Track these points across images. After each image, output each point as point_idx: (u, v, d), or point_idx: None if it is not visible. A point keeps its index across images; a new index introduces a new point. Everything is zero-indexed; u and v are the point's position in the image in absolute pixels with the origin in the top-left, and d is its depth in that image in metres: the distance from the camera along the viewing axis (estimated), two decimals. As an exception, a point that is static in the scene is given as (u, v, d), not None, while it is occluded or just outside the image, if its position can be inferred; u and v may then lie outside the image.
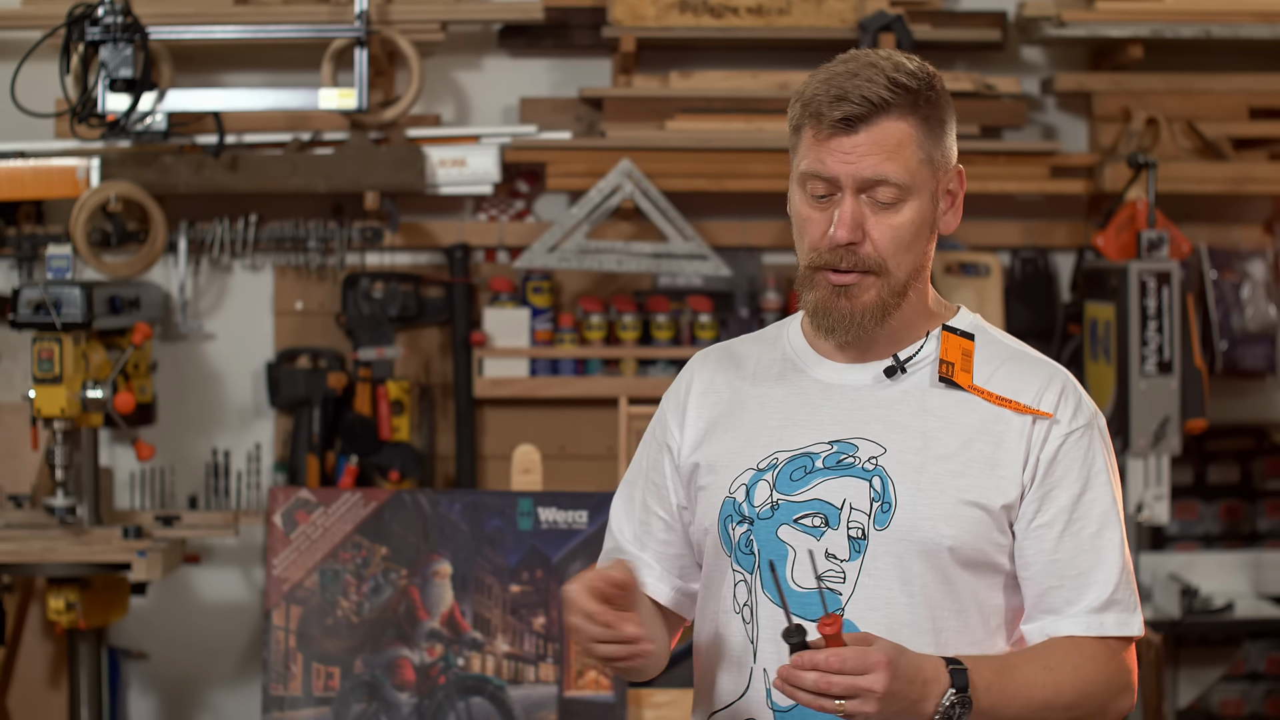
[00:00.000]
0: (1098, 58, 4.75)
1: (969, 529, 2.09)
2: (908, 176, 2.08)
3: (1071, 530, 2.11)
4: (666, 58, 4.63)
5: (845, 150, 2.07)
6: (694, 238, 4.52)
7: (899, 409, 2.14)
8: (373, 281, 4.55)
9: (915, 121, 2.08)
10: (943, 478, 2.09)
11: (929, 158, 2.10)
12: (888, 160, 2.07)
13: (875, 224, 2.09)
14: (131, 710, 4.68)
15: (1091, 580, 2.11)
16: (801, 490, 2.12)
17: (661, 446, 2.28)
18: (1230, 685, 4.80)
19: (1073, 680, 2.08)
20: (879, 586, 2.09)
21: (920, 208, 2.10)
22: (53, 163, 4.45)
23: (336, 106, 4.38)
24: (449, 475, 4.65)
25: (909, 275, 2.13)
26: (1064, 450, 2.12)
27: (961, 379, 2.14)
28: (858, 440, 2.13)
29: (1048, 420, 2.12)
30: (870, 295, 2.10)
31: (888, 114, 2.06)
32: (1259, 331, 4.70)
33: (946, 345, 2.16)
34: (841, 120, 2.06)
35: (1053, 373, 2.17)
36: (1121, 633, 2.11)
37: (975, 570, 2.10)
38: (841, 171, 2.07)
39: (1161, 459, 4.30)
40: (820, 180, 2.09)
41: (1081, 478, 2.12)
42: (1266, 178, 4.62)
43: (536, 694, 3.41)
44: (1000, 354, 2.19)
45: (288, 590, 3.44)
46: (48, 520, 4.11)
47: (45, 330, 3.95)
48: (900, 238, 2.10)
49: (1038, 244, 4.74)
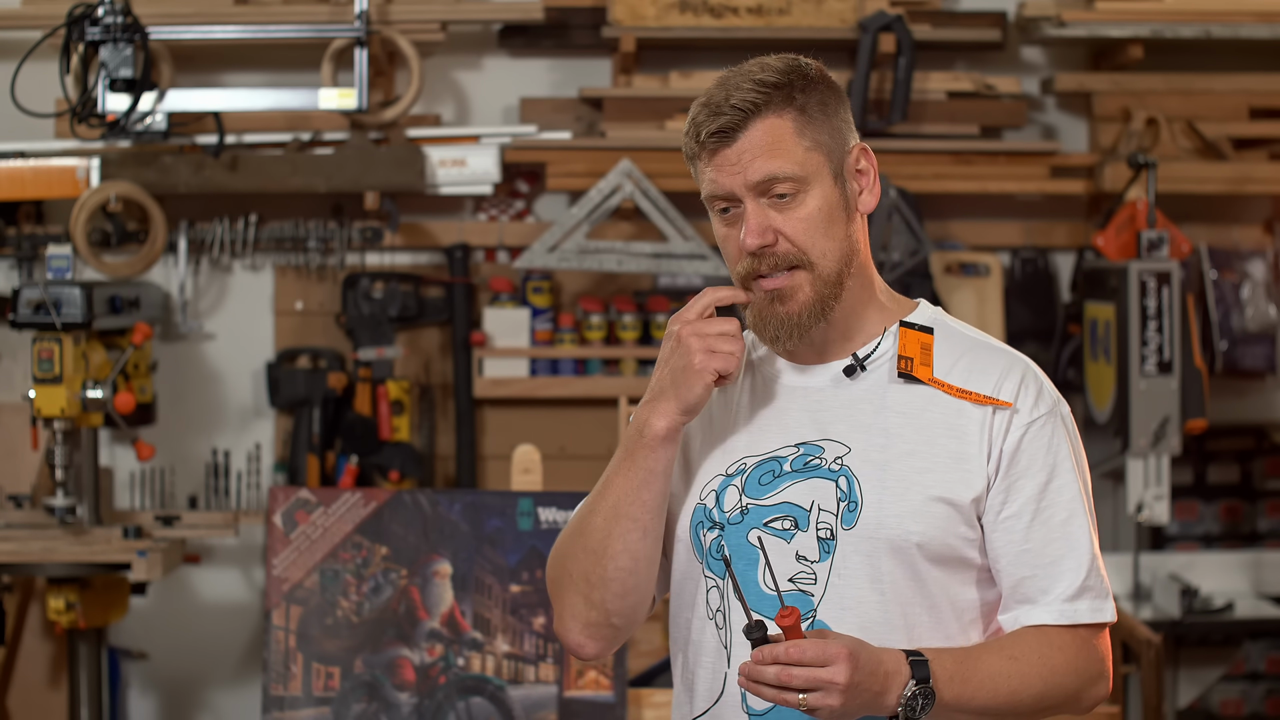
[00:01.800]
0: (1098, 58, 4.75)
1: (937, 524, 2.09)
2: (797, 167, 2.09)
3: (1040, 519, 2.11)
4: (666, 58, 4.63)
5: (731, 161, 2.10)
6: (694, 238, 4.52)
7: (861, 407, 2.14)
8: (373, 281, 4.55)
9: (792, 114, 2.10)
10: (908, 474, 2.09)
11: (816, 143, 2.11)
12: (770, 158, 2.09)
13: (784, 221, 2.10)
14: (131, 710, 4.68)
15: (1063, 568, 2.11)
16: (770, 494, 2.13)
17: None
18: (1230, 685, 4.80)
19: (1039, 670, 2.08)
20: (849, 586, 2.09)
21: (824, 194, 2.11)
22: (53, 163, 4.45)
23: (336, 106, 4.38)
24: (449, 475, 4.65)
25: (838, 263, 2.12)
26: (1027, 440, 2.11)
27: (921, 373, 2.14)
28: (823, 441, 2.13)
29: (1007, 410, 2.11)
30: (805, 293, 2.11)
31: (759, 115, 2.09)
32: (1259, 331, 4.70)
33: (904, 340, 2.16)
34: (718, 133, 2.10)
35: (1011, 361, 2.16)
36: (1094, 619, 2.11)
37: (945, 566, 2.10)
38: (733, 183, 2.11)
39: (1161, 459, 4.30)
40: (720, 199, 2.13)
41: (1047, 466, 2.11)
42: (1266, 178, 4.62)
43: (536, 694, 3.41)
44: (960, 345, 2.18)
45: (288, 590, 3.44)
46: (48, 520, 4.11)
47: (45, 330, 3.95)
48: (812, 227, 2.10)
49: (1038, 244, 4.74)
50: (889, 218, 4.44)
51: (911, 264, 4.47)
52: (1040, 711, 2.11)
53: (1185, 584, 4.39)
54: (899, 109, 4.51)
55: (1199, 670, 4.66)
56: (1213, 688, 4.74)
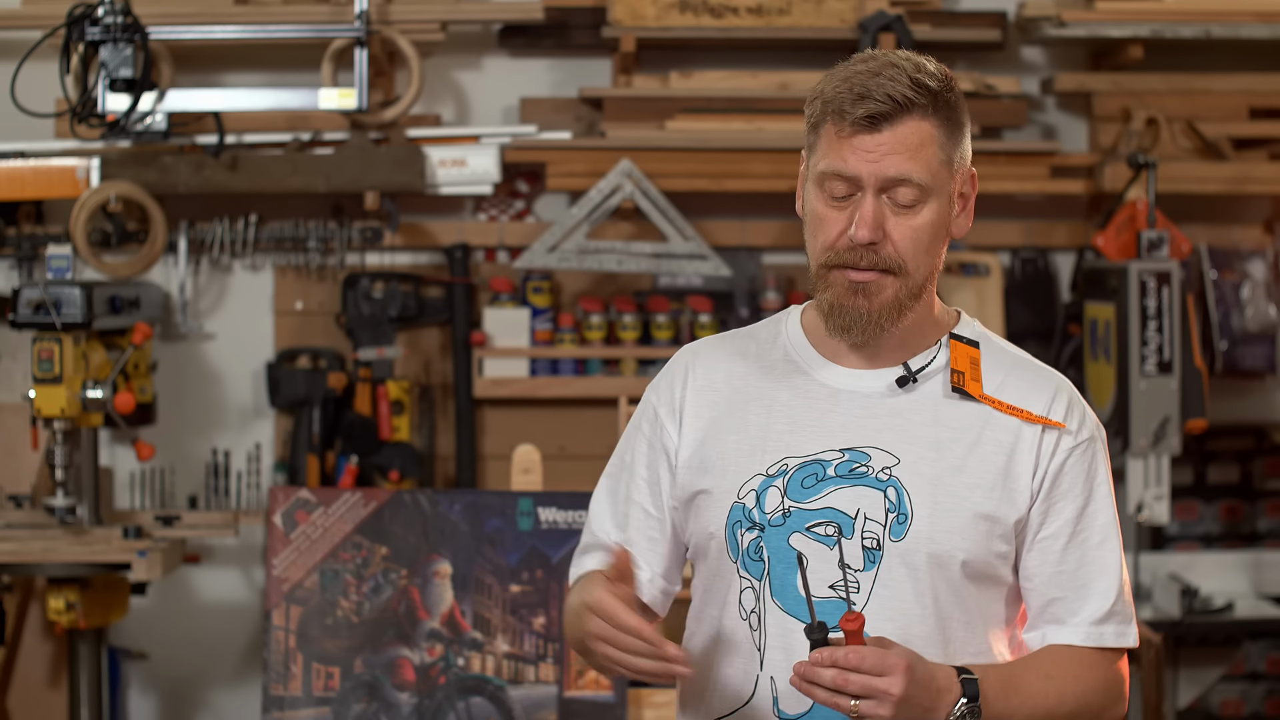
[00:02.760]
0: (1098, 58, 4.75)
1: (981, 542, 2.09)
2: (929, 177, 2.06)
3: (1076, 542, 2.12)
4: (666, 58, 4.63)
5: (868, 149, 2.05)
6: (694, 238, 4.52)
7: (911, 419, 2.12)
8: (373, 281, 4.55)
9: (937, 122, 2.07)
10: (958, 490, 2.09)
11: (948, 159, 2.09)
12: (910, 160, 2.05)
13: (895, 225, 2.07)
14: (131, 710, 4.68)
15: (1093, 591, 2.12)
16: (813, 498, 2.10)
17: (654, 443, 2.23)
18: (1230, 685, 4.80)
19: (1073, 689, 2.10)
20: (893, 597, 2.08)
21: (939, 210, 2.09)
22: (53, 163, 4.45)
23: (336, 106, 4.38)
24: (449, 475, 4.65)
25: (925, 277, 2.12)
26: (1070, 462, 2.12)
27: (972, 388, 2.13)
28: (869, 449, 2.11)
29: (1058, 430, 2.11)
30: (888, 294, 2.08)
31: (910, 113, 2.05)
32: (1259, 331, 4.70)
33: (956, 354, 2.15)
34: (865, 118, 2.04)
35: (1060, 383, 2.17)
36: (1119, 644, 2.13)
37: (981, 582, 2.11)
38: (864, 170, 2.05)
39: (1161, 459, 4.30)
40: (841, 179, 2.07)
41: (1086, 490, 2.12)
42: (1266, 178, 4.62)
43: (536, 694, 3.41)
44: (1005, 362, 2.17)
45: (288, 590, 3.44)
46: (48, 520, 4.11)
47: (45, 330, 3.95)
48: (920, 239, 2.08)
49: (1038, 244, 4.74)
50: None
51: (911, 264, 4.47)
52: None
53: (1185, 584, 4.39)
54: (899, 109, 4.51)
55: (1199, 670, 4.66)
56: (1213, 688, 4.74)
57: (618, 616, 2.01)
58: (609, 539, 2.25)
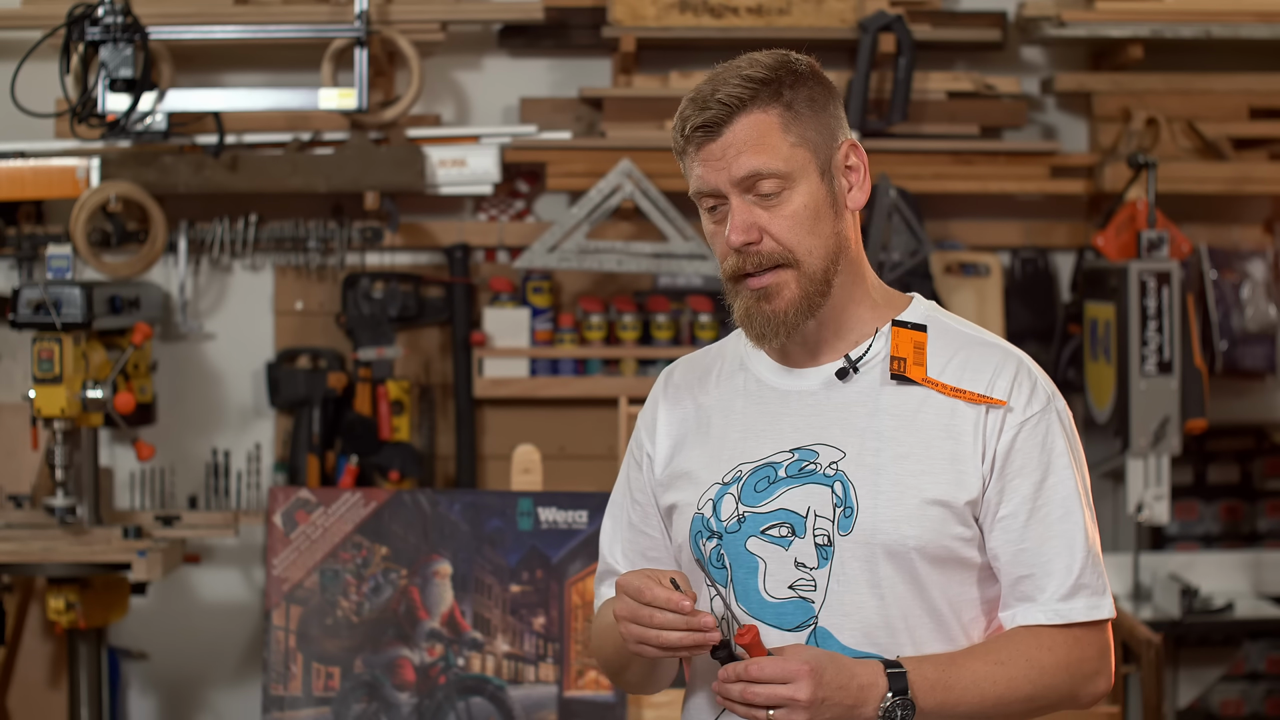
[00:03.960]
0: (1098, 58, 4.75)
1: (933, 528, 2.07)
2: (783, 163, 2.07)
3: (1036, 518, 2.09)
4: (666, 58, 4.63)
5: (715, 157, 2.08)
6: (694, 238, 4.52)
7: (855, 411, 2.12)
8: (373, 281, 4.55)
9: (778, 109, 2.08)
10: (903, 478, 2.08)
11: (803, 139, 2.09)
12: (756, 153, 2.07)
13: (770, 219, 2.08)
14: (131, 710, 4.68)
15: (1057, 566, 2.09)
16: (766, 501, 2.11)
17: (640, 466, 2.28)
18: (1230, 685, 4.80)
19: (1026, 673, 2.07)
20: (849, 592, 2.08)
21: (810, 190, 2.09)
22: (53, 163, 4.45)
23: (336, 106, 4.38)
24: (449, 475, 4.65)
25: (825, 260, 2.10)
26: (1020, 438, 2.09)
27: (914, 373, 2.12)
28: (817, 446, 2.12)
29: (1001, 408, 2.09)
30: (791, 291, 2.09)
31: (745, 110, 2.07)
32: (1259, 331, 4.70)
33: (897, 340, 2.14)
34: (701, 128, 2.08)
35: (1004, 357, 2.14)
36: (1090, 617, 2.10)
37: (943, 568, 2.09)
38: (718, 178, 2.08)
39: (1161, 459, 4.30)
40: (707, 195, 2.11)
41: (1041, 464, 2.10)
42: (1266, 178, 4.62)
43: (536, 694, 3.41)
44: (954, 342, 2.15)
45: (288, 590, 3.44)
46: (48, 520, 4.11)
47: (45, 330, 3.95)
48: (798, 224, 2.08)
49: (1038, 244, 4.74)
50: (889, 218, 4.44)
51: (911, 264, 4.47)
52: (1032, 712, 2.10)
53: (1185, 584, 4.39)
54: (899, 109, 4.51)
55: (1199, 670, 4.66)
56: (1213, 688, 4.74)
57: (644, 591, 2.03)
58: (617, 565, 2.30)
